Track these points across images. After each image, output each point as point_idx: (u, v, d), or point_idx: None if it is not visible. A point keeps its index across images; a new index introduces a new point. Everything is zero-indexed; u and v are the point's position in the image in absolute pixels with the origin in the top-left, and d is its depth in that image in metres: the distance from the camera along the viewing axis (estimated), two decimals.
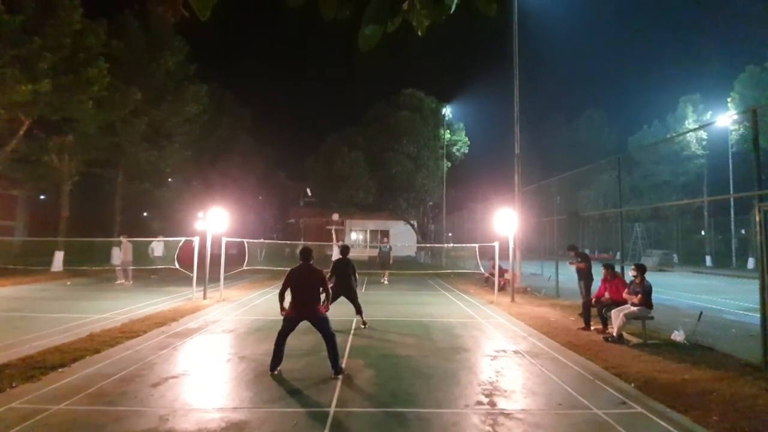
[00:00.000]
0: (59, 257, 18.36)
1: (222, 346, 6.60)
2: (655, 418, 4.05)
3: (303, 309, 5.28)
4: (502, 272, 13.10)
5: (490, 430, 3.80)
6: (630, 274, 7.43)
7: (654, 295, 7.07)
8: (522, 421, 3.98)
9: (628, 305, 7.07)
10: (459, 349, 6.53)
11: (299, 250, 5.59)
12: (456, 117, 34.20)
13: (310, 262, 5.44)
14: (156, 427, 3.74)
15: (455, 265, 21.04)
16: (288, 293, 5.35)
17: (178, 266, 13.48)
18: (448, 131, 33.04)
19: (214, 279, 11.82)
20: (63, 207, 19.30)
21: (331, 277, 8.17)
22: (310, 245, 6.47)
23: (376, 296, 12.31)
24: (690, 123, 30.96)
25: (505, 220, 11.63)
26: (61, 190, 19.36)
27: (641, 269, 7.14)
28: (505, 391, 4.73)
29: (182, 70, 22.53)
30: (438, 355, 6.14)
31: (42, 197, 30.19)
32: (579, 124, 46.19)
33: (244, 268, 14.92)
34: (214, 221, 11.21)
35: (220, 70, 63.71)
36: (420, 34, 2.08)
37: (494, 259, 12.49)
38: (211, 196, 22.30)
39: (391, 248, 17.07)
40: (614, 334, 6.97)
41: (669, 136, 30.39)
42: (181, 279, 14.27)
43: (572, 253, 9.68)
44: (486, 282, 14.75)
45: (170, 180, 25.28)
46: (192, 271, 11.50)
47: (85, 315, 8.69)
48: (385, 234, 31.79)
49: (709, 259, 28.82)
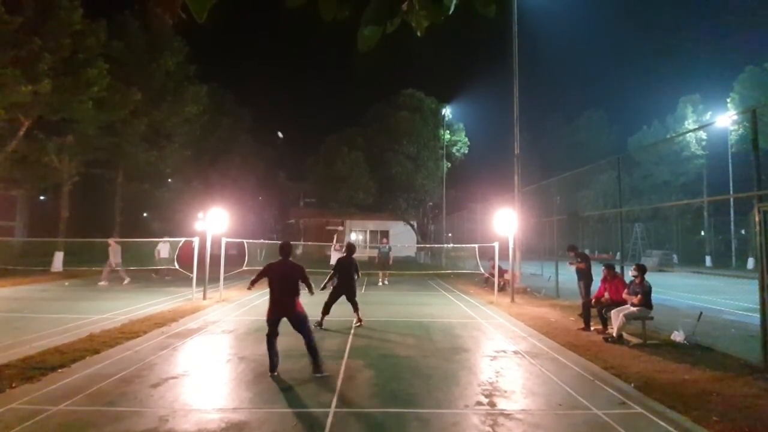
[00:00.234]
0: (59, 258, 18.37)
1: (222, 346, 6.61)
2: (655, 419, 4.05)
3: (279, 308, 5.27)
4: (502, 272, 13.09)
5: (490, 430, 3.80)
6: (630, 275, 7.42)
7: (654, 296, 7.07)
8: (522, 421, 3.98)
9: (627, 305, 7.07)
10: (459, 349, 6.54)
11: (279, 245, 5.49)
12: (456, 117, 34.19)
13: (290, 258, 5.43)
14: (156, 427, 3.74)
15: (455, 266, 21.01)
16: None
17: (178, 266, 13.48)
18: (448, 131, 33.00)
19: (214, 279, 11.83)
20: (63, 207, 19.31)
21: (334, 276, 8.18)
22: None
23: (376, 297, 12.31)
24: (690, 123, 31.01)
25: (505, 221, 11.63)
26: (61, 191, 19.37)
27: (642, 270, 7.13)
28: (505, 392, 4.73)
29: (182, 70, 22.51)
30: (438, 356, 6.14)
31: (42, 197, 30.13)
32: (579, 125, 46.26)
33: (244, 268, 14.90)
34: (214, 222, 11.21)
35: (220, 70, 63.61)
36: (419, 34, 2.08)
37: (494, 260, 12.49)
38: (211, 197, 22.26)
39: (390, 249, 16.88)
40: (614, 334, 6.97)
41: (669, 136, 30.44)
42: (182, 279, 14.28)
43: (572, 254, 9.66)
44: (486, 282, 14.75)
45: (170, 180, 25.27)
46: (192, 272, 11.51)
47: (84, 315, 8.69)
48: (385, 234, 31.68)
49: (708, 260, 28.84)
